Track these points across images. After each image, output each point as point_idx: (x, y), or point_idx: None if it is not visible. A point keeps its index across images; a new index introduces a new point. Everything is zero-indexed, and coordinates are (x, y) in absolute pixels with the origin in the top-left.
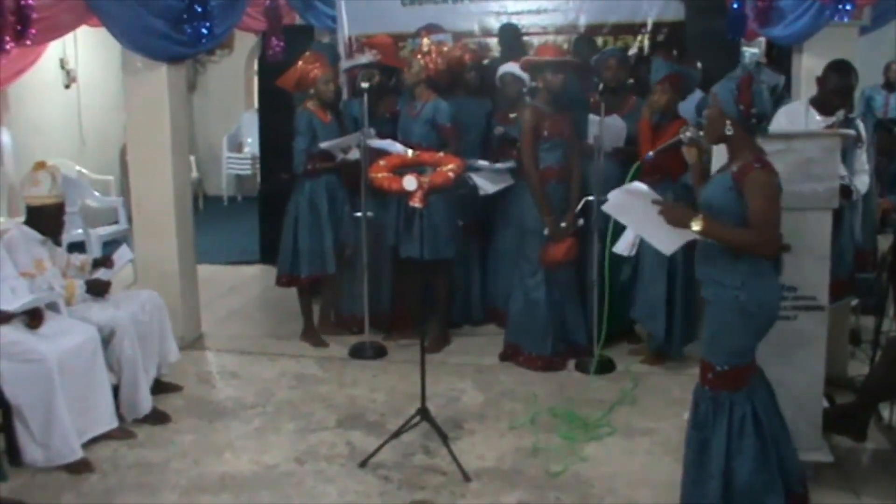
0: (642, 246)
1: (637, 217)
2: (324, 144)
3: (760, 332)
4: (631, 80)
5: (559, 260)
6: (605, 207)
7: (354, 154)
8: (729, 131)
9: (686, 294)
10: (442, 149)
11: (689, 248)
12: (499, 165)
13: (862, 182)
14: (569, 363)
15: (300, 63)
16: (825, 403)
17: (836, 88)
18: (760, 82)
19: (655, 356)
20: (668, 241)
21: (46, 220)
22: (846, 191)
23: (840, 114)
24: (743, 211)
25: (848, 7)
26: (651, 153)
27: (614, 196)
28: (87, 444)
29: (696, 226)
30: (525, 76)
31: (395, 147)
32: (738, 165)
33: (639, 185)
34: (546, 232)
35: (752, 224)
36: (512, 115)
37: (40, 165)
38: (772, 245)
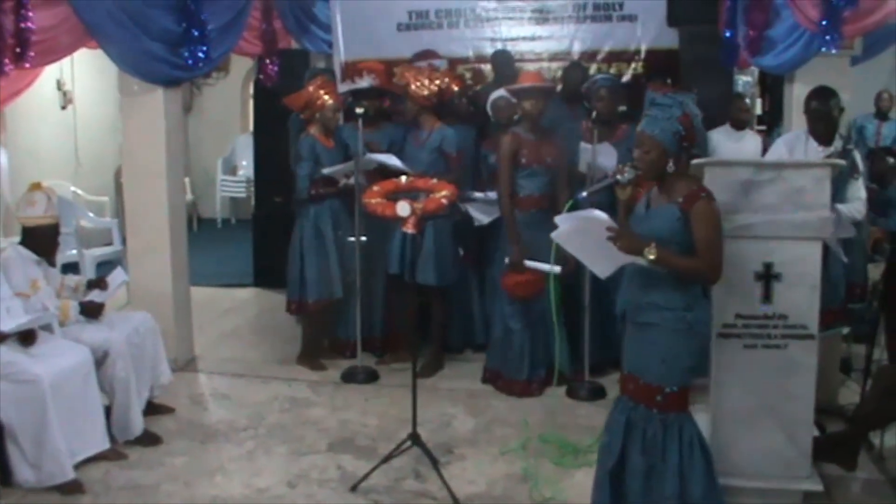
0: None
1: (583, 242)
2: (327, 170)
3: (705, 350)
4: (623, 108)
5: (519, 294)
6: (556, 234)
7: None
8: (671, 168)
9: None
10: (445, 176)
11: None
12: (491, 195)
13: (858, 210)
14: (552, 389)
15: (312, 87)
16: (815, 432)
17: (817, 115)
18: (696, 115)
19: None
20: (605, 266)
21: (41, 240)
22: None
23: (838, 144)
24: (689, 239)
25: (835, 37)
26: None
27: (570, 221)
28: (79, 465)
29: (650, 255)
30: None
31: (393, 160)
32: (683, 195)
33: (599, 213)
34: (507, 260)
35: (700, 252)
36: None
37: (36, 186)
38: (717, 271)
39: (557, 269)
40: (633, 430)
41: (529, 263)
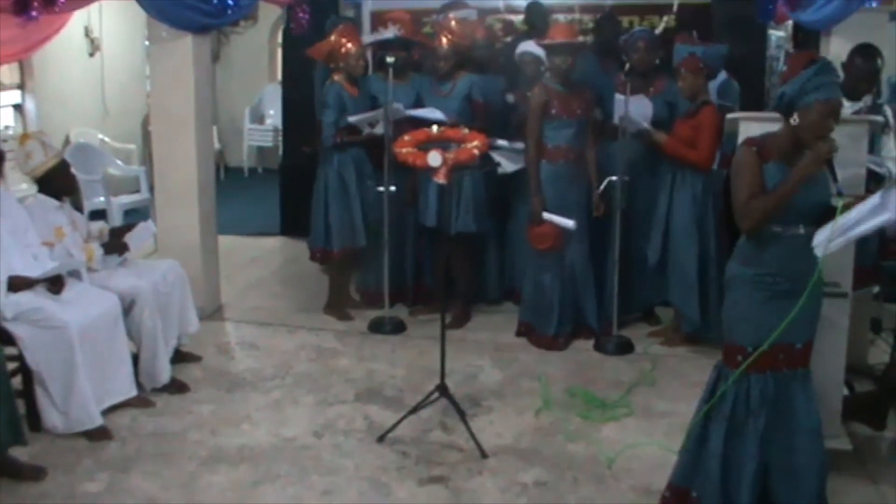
0: (671, 227)
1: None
2: (353, 119)
3: None
4: (658, 61)
5: (538, 246)
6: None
7: (381, 129)
8: None
9: (720, 276)
10: (473, 124)
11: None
12: (518, 145)
13: (891, 168)
14: (580, 343)
15: (334, 36)
16: (845, 391)
17: (861, 73)
18: None
19: (682, 338)
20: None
21: (56, 182)
22: (878, 178)
23: (867, 99)
24: None
25: None
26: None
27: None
28: (107, 412)
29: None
30: (543, 55)
31: (436, 114)
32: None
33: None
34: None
35: None
36: (529, 95)
37: (25, 138)
38: None
39: (571, 223)
40: (788, 398)
41: (546, 216)
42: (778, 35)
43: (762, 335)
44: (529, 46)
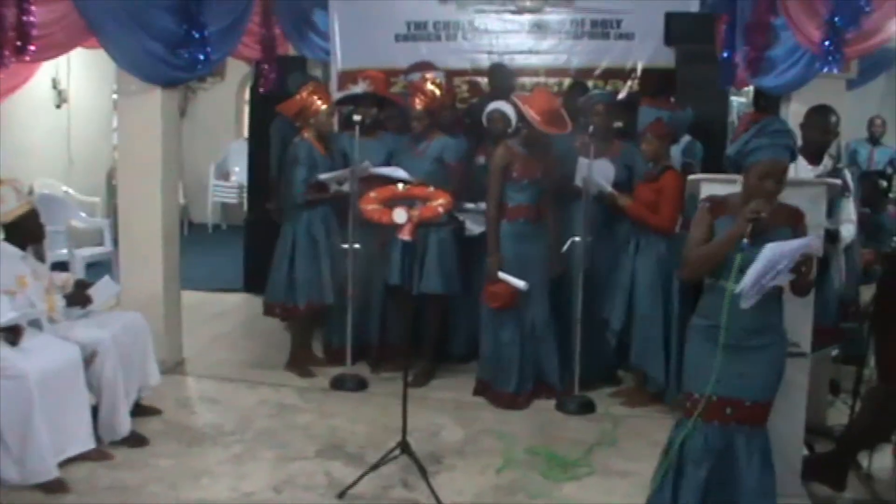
0: (635, 290)
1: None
2: (323, 176)
3: None
4: (619, 125)
5: (491, 304)
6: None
7: (348, 186)
8: None
9: (681, 337)
10: (444, 186)
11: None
12: (483, 206)
13: (848, 231)
14: (541, 402)
15: (305, 93)
16: (805, 451)
17: (816, 127)
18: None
19: (646, 398)
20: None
21: (25, 230)
22: (833, 236)
23: (828, 163)
24: None
25: (837, 58)
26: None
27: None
28: (64, 464)
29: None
30: (512, 115)
31: (399, 173)
32: (790, 215)
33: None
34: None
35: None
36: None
37: None
38: None
39: (523, 284)
40: (733, 452)
41: (501, 275)
42: (740, 101)
43: (706, 384)
44: (498, 105)
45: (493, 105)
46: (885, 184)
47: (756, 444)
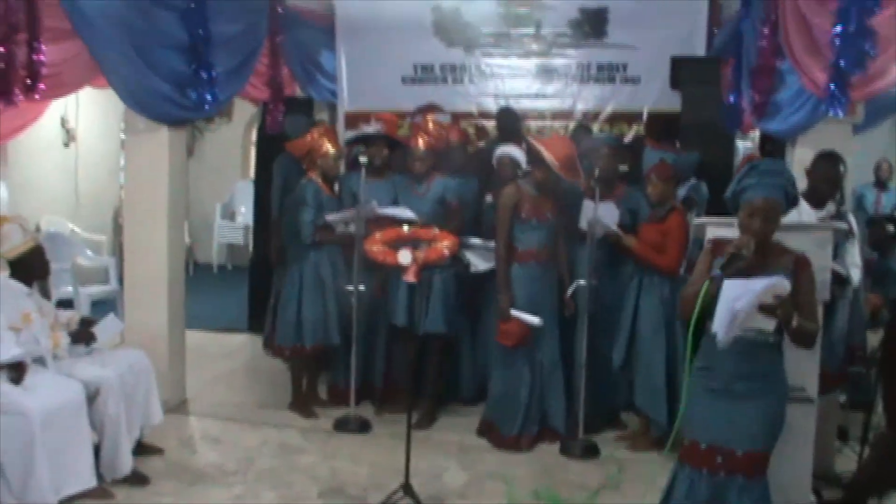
0: (638, 331)
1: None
2: (331, 217)
3: None
4: (624, 168)
5: (504, 342)
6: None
7: (354, 227)
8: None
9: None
10: (446, 225)
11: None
12: (492, 244)
13: (854, 275)
14: (546, 445)
15: (315, 134)
16: (813, 498)
17: (824, 176)
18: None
19: (650, 442)
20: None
21: (30, 266)
22: (840, 278)
23: (832, 207)
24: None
25: (843, 101)
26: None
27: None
28: (65, 502)
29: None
30: (521, 159)
31: (407, 213)
32: (791, 260)
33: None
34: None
35: (811, 315)
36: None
37: (3, 220)
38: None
39: (537, 320)
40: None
41: (514, 312)
42: (746, 145)
43: (696, 428)
44: (507, 149)
45: (502, 149)
46: (892, 228)
47: (750, 497)
